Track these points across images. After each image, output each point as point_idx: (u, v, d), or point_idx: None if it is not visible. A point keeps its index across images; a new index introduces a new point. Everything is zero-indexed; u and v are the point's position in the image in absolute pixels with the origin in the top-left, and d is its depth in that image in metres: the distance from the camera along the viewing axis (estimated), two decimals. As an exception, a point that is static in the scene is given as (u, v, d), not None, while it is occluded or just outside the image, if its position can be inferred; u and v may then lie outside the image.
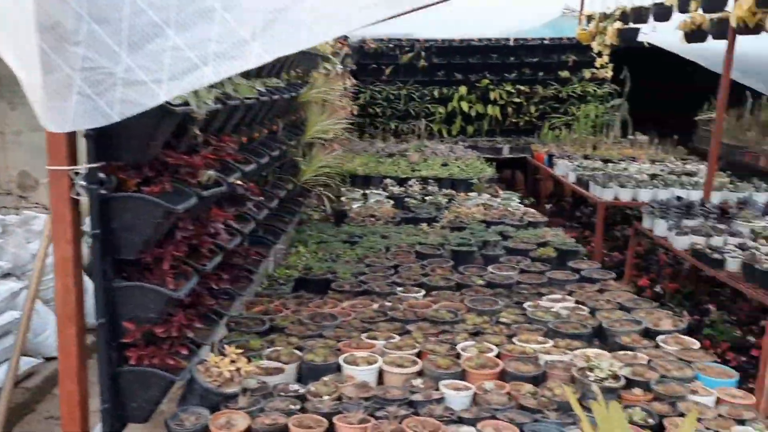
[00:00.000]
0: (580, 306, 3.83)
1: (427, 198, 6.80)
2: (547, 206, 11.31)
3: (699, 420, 2.56)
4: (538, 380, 2.86)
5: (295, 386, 2.66)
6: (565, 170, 9.56)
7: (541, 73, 12.90)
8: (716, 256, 5.94)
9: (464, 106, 12.56)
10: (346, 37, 9.93)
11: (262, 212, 3.69)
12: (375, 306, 3.76)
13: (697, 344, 3.27)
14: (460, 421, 2.45)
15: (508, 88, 12.60)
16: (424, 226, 5.72)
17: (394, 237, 5.37)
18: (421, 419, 2.40)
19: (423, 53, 12.68)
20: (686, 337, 3.33)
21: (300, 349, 3.01)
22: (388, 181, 7.38)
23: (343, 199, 6.74)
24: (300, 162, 5.07)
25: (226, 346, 2.55)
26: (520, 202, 7.12)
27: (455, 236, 5.36)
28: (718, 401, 2.76)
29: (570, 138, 11.67)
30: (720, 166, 9.78)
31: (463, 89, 12.47)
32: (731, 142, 10.67)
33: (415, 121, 12.46)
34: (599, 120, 12.57)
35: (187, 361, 2.38)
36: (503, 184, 13.64)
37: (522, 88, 12.63)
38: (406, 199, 6.68)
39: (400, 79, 12.65)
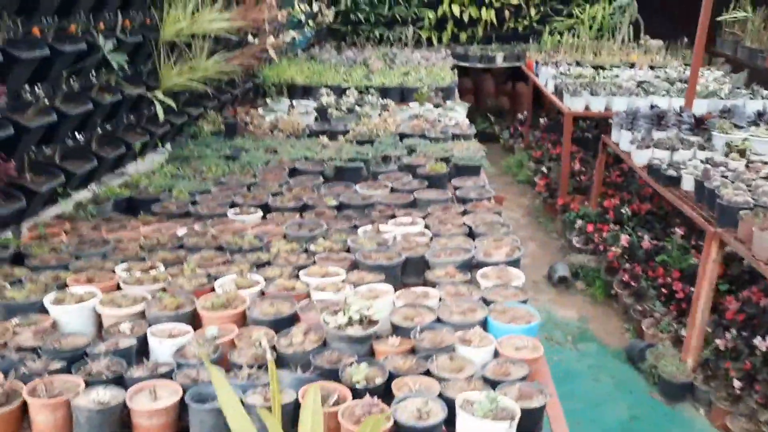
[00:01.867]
0: (424, 231, 3.20)
1: (357, 109, 6.11)
2: (542, 120, 10.38)
3: (446, 381, 1.97)
4: (283, 324, 2.30)
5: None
6: (546, 78, 8.63)
7: (540, -30, 11.62)
8: (671, 172, 5.15)
9: (455, 9, 11.47)
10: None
11: (35, 118, 3.13)
12: (180, 231, 3.23)
13: (521, 279, 2.62)
14: (115, 381, 1.93)
15: (505, -13, 11.41)
16: (323, 138, 5.07)
17: (284, 151, 4.76)
18: (59, 379, 1.89)
19: (410, -50, 11.51)
20: (513, 270, 2.68)
21: (17, 283, 2.53)
22: (324, 90, 6.67)
23: (259, 110, 6.11)
24: (163, 66, 4.45)
25: None
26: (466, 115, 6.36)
27: (353, 150, 4.72)
28: (497, 354, 2.15)
29: (568, 43, 10.52)
30: (735, 70, 8.66)
31: (454, -10, 11.36)
32: (753, 45, 9.42)
33: (402, 28, 11.48)
34: (605, 22, 11.32)
35: None
36: (506, 97, 12.67)
37: (520, -13, 11.43)
38: (330, 110, 6.00)
39: (385, -20, 11.60)
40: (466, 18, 11.49)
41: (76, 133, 3.85)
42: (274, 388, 1.70)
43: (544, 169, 8.84)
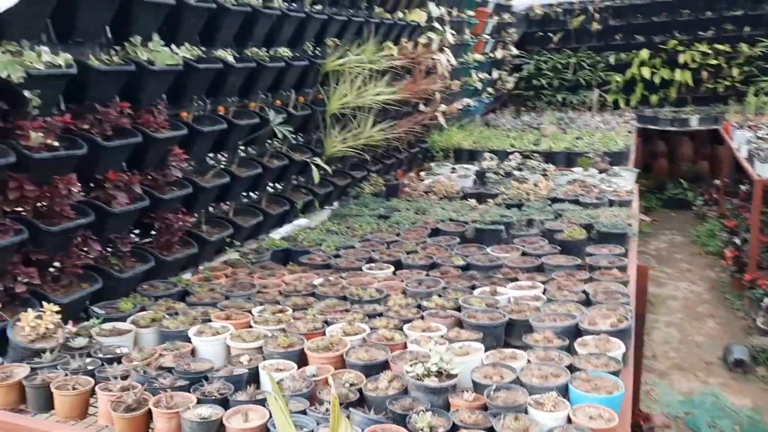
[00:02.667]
0: (539, 296, 3.23)
1: (515, 173, 6.24)
2: (742, 187, 9.54)
3: (504, 441, 2.03)
4: (374, 370, 2.52)
5: (124, 349, 2.72)
6: (740, 142, 8.01)
7: (747, 29, 10.89)
8: None
9: (645, 72, 11.14)
10: (486, 3, 9.46)
11: (212, 180, 3.77)
12: (317, 280, 3.61)
13: (621, 350, 2.56)
14: (219, 401, 2.28)
15: (703, 48, 10.86)
16: (473, 201, 5.27)
17: (432, 213, 5.05)
18: (179, 395, 2.29)
19: (596, 15, 11.50)
20: (615, 340, 2.62)
21: (174, 315, 3.05)
22: (487, 155, 6.91)
23: (422, 173, 6.50)
24: (328, 135, 5.03)
25: (44, 303, 2.70)
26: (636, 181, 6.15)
27: (498, 213, 4.86)
28: (570, 421, 2.15)
29: (772, 105, 9.62)
30: None
31: (644, 53, 11.07)
32: None
33: (586, 91, 11.38)
34: (824, 81, 10.20)
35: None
36: (706, 162, 11.77)
37: (721, 47, 10.80)
38: (487, 174, 6.21)
39: (569, 46, 11.68)
40: (657, 80, 11.07)
41: (250, 193, 4.51)
42: (333, 423, 1.92)
43: (737, 240, 8.08)
